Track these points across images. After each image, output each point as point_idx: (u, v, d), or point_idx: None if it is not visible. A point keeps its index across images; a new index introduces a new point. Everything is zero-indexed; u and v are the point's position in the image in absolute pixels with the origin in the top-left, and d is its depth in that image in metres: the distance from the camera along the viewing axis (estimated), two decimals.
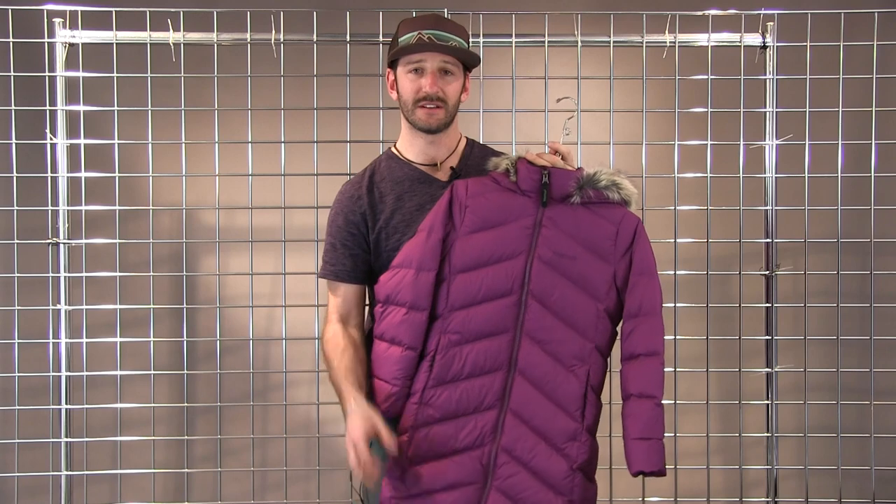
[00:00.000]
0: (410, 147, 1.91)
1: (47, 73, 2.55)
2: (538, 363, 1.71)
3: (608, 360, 1.79)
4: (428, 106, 1.82)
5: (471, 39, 2.50)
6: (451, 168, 1.90)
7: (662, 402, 1.70)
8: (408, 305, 1.74)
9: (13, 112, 2.56)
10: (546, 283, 1.72)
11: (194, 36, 2.54)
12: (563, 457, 1.69)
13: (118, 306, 2.60)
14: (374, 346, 1.80)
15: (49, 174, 2.56)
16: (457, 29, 1.84)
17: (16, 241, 2.57)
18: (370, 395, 1.78)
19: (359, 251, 1.88)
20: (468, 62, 1.85)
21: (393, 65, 1.87)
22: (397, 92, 1.88)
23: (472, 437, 1.71)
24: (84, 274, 2.59)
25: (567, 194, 1.76)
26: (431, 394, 1.73)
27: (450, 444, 1.71)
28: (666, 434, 1.73)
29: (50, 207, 2.56)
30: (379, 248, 1.87)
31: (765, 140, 2.59)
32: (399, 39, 1.82)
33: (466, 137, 1.99)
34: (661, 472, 1.66)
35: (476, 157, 1.94)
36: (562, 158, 1.82)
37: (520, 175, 1.78)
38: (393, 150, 1.96)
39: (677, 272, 2.56)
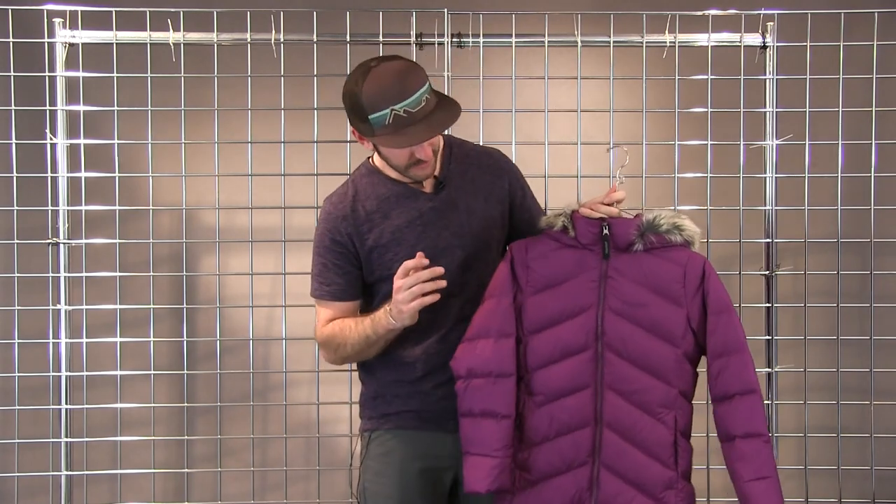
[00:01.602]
0: (391, 170, 1.86)
1: (47, 73, 2.55)
2: (625, 414, 1.70)
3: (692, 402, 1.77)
4: (422, 163, 1.78)
5: (470, 39, 2.52)
6: (435, 177, 1.87)
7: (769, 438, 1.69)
8: (494, 374, 1.73)
9: (13, 112, 2.56)
10: (620, 333, 1.71)
11: (194, 36, 2.54)
12: None
13: (118, 306, 2.60)
14: (461, 423, 1.76)
15: (49, 174, 2.56)
16: (418, 77, 1.70)
17: (16, 241, 2.57)
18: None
19: (350, 268, 1.86)
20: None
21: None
22: (376, 150, 1.82)
23: (568, 495, 1.70)
24: (84, 274, 2.59)
25: (629, 243, 1.73)
26: (524, 456, 1.74)
27: None
28: None
29: (50, 207, 2.56)
30: (371, 265, 1.85)
31: (765, 140, 2.59)
32: (370, 118, 1.68)
33: (444, 137, 1.94)
34: None
35: (457, 159, 1.91)
36: (618, 203, 1.78)
37: (578, 231, 1.76)
38: (371, 163, 1.91)
39: None
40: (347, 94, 1.73)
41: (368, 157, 1.94)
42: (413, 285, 1.68)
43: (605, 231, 1.74)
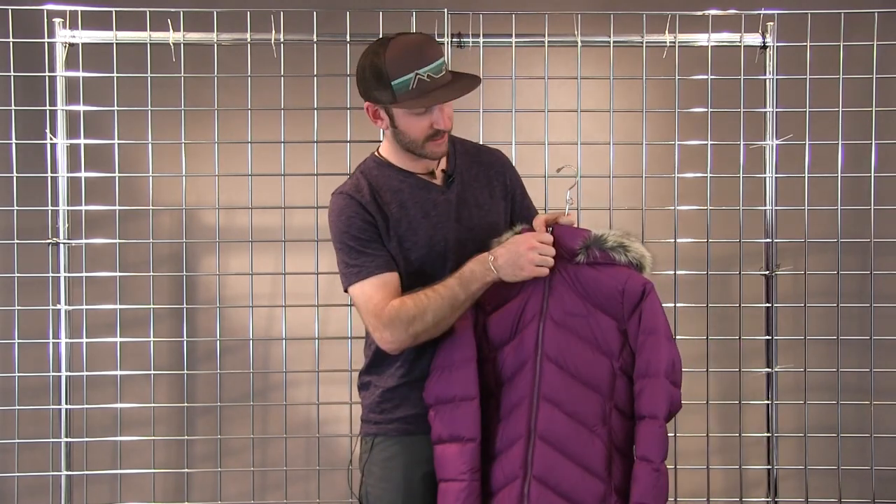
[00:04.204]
0: (400, 157, 1.86)
1: (47, 73, 2.55)
2: (559, 427, 1.69)
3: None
4: (438, 138, 1.78)
5: (470, 39, 2.52)
6: (444, 171, 1.88)
7: (661, 466, 1.66)
8: (458, 398, 1.74)
9: (13, 112, 2.56)
10: (559, 343, 1.70)
11: (194, 36, 2.54)
12: None
13: (118, 306, 2.60)
14: (434, 452, 1.78)
15: (49, 174, 2.56)
16: (435, 46, 1.74)
17: (16, 241, 2.57)
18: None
19: (386, 245, 1.82)
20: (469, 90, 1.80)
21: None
22: (391, 126, 1.80)
23: None
24: (84, 274, 2.59)
25: (573, 253, 1.73)
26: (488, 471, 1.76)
27: None
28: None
29: (50, 207, 2.56)
30: (391, 253, 1.83)
31: (765, 140, 2.59)
32: (393, 83, 1.69)
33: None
34: None
35: (461, 155, 1.92)
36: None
37: None
38: (378, 155, 1.90)
39: (677, 272, 2.56)
40: (368, 64, 1.73)
41: (374, 151, 1.93)
42: (548, 254, 1.68)
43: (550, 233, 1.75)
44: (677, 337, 2.54)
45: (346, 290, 1.84)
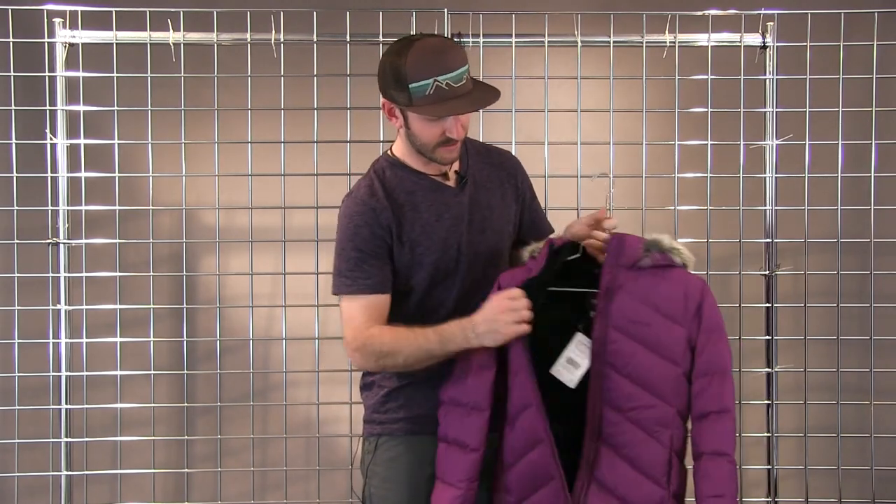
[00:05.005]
0: (413, 158, 1.85)
1: (47, 73, 2.55)
2: (621, 431, 1.69)
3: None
4: (450, 145, 1.77)
5: (470, 39, 2.52)
6: (456, 173, 1.88)
7: (734, 459, 1.68)
8: (470, 406, 1.75)
9: (13, 112, 2.56)
10: (623, 351, 1.69)
11: (194, 36, 2.54)
12: None
13: (118, 306, 2.60)
14: (438, 447, 1.78)
15: (49, 174, 2.56)
16: (459, 54, 1.73)
17: (16, 241, 2.57)
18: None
19: (388, 260, 1.81)
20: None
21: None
22: (405, 126, 1.79)
23: None
24: (84, 274, 2.59)
25: (635, 259, 1.72)
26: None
27: None
28: None
29: (50, 207, 2.56)
30: (402, 259, 1.82)
31: (765, 140, 2.59)
32: (411, 87, 1.68)
33: None
34: None
35: (473, 156, 1.92)
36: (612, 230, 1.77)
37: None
38: (391, 155, 1.89)
39: None
40: (388, 63, 1.73)
41: (387, 150, 1.92)
42: (522, 309, 1.66)
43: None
44: None
45: (333, 294, 1.85)
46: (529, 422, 1.70)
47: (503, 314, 1.67)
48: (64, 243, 2.55)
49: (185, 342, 2.62)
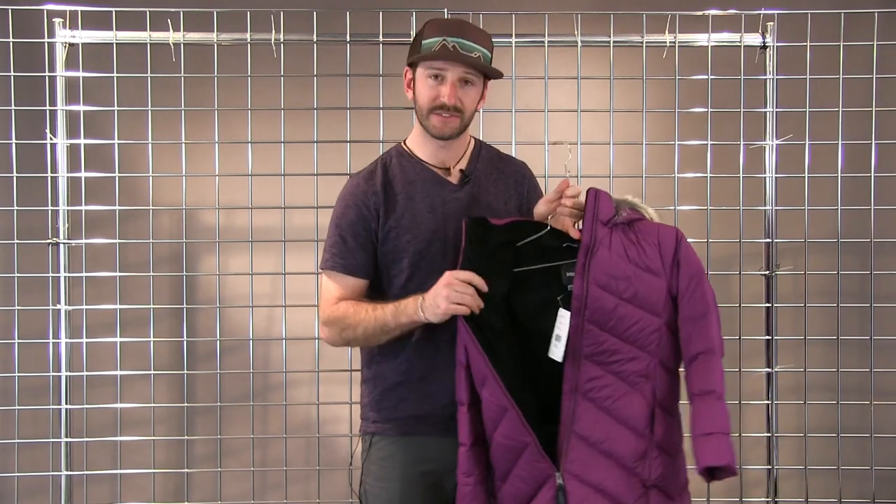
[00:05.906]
0: (422, 147, 1.90)
1: (47, 73, 2.55)
2: (602, 385, 1.70)
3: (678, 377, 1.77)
4: (444, 115, 1.81)
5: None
6: (461, 171, 1.90)
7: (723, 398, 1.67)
8: (459, 402, 1.78)
9: (13, 112, 2.56)
10: (604, 307, 1.71)
11: (194, 36, 2.54)
12: (635, 476, 1.68)
13: (118, 306, 2.60)
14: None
15: (49, 174, 2.56)
16: (482, 38, 1.82)
17: (16, 241, 2.57)
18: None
19: (369, 245, 1.86)
20: (489, 73, 1.84)
21: (412, 64, 1.85)
22: (413, 92, 1.86)
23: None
24: (84, 274, 2.59)
25: (610, 215, 1.76)
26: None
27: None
28: None
29: (50, 207, 2.56)
30: (386, 245, 1.86)
31: (765, 140, 2.59)
32: (423, 42, 1.80)
33: (474, 138, 1.99)
34: (731, 469, 1.61)
35: (484, 159, 1.95)
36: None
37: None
38: (403, 146, 1.94)
39: None
40: (418, 33, 1.85)
41: (401, 141, 1.96)
42: (465, 292, 1.69)
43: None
44: None
45: (320, 268, 1.93)
46: (490, 393, 1.72)
47: (445, 289, 1.70)
48: (64, 243, 2.55)
49: (185, 342, 2.62)
